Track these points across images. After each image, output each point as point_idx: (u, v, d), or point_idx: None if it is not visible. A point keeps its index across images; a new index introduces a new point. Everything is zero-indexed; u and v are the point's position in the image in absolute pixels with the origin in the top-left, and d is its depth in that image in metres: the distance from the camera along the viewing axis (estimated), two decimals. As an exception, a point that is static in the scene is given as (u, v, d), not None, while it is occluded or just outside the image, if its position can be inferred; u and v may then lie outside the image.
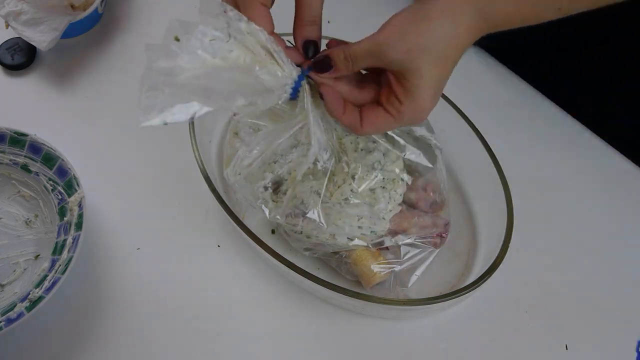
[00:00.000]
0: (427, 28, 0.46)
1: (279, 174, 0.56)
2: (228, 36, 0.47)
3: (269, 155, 0.56)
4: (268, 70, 0.48)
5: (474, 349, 0.61)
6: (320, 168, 0.55)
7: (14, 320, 0.53)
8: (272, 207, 0.57)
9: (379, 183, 0.58)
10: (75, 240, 0.57)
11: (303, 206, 0.56)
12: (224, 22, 0.46)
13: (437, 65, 0.47)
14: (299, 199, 0.56)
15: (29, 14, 0.71)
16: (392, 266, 0.58)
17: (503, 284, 0.61)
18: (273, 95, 0.49)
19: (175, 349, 0.58)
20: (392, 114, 0.49)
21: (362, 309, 0.60)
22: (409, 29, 0.46)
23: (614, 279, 0.66)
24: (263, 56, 0.48)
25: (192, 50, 0.46)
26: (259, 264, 0.62)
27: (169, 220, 0.65)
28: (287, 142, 0.55)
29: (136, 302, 0.60)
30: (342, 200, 0.56)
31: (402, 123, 0.50)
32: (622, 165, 0.73)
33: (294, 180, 0.56)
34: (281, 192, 0.57)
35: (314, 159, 0.54)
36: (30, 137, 0.62)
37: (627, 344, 0.62)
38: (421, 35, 0.46)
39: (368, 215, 0.57)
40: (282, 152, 0.56)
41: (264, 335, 0.59)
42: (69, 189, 0.60)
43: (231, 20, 0.47)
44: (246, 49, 0.48)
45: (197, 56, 0.46)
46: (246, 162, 0.55)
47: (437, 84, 0.48)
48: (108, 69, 0.75)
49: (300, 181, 0.56)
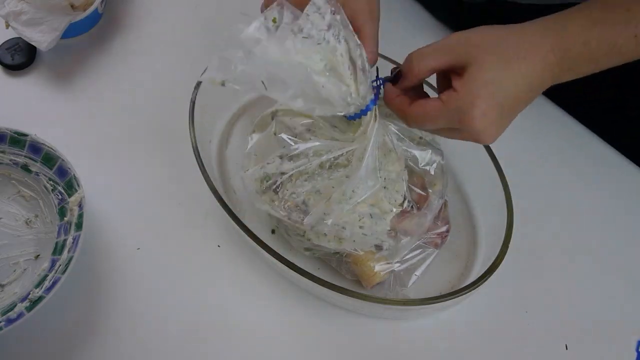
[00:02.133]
0: (499, 33, 0.48)
1: (316, 187, 0.56)
2: (322, 39, 0.46)
3: (313, 167, 0.55)
4: (336, 82, 0.48)
5: (474, 349, 0.61)
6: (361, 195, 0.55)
7: (14, 320, 0.53)
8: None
9: (380, 183, 0.58)
10: (75, 240, 0.57)
11: (304, 206, 0.56)
12: (325, 23, 0.46)
13: (501, 65, 0.47)
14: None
15: (29, 14, 0.71)
16: (392, 266, 0.58)
17: (503, 284, 0.61)
18: (333, 107, 0.49)
19: (175, 349, 0.58)
20: (442, 98, 0.48)
21: (362, 309, 0.60)
22: (482, 31, 0.49)
23: (614, 279, 0.66)
24: (346, 69, 0.48)
25: (282, 38, 0.46)
26: (259, 264, 0.62)
27: (169, 220, 0.65)
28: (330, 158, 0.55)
29: (136, 302, 0.60)
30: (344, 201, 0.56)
31: (449, 113, 0.47)
32: (622, 165, 0.73)
33: (328, 196, 0.55)
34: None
35: (357, 184, 0.53)
36: (30, 137, 0.62)
37: (627, 344, 0.62)
38: (494, 36, 0.48)
39: (369, 215, 0.57)
40: (322, 167, 0.56)
41: (264, 335, 0.59)
42: (69, 189, 0.60)
43: (335, 22, 0.46)
44: (332, 56, 0.47)
45: (283, 46, 0.46)
46: (283, 167, 0.55)
47: (494, 87, 0.47)
48: (108, 69, 0.75)
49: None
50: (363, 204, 0.56)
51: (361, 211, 0.56)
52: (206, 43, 0.74)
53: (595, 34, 0.48)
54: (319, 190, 0.56)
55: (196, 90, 0.64)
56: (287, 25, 0.47)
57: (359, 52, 0.48)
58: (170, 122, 0.69)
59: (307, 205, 0.56)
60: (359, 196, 0.54)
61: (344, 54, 0.48)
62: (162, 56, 0.71)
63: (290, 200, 0.56)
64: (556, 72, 0.48)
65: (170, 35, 0.79)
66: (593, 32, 0.48)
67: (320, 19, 0.46)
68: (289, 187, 0.56)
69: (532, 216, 0.66)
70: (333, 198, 0.54)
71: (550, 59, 0.48)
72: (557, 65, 0.48)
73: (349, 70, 0.48)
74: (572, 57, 0.48)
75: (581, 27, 0.48)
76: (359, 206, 0.56)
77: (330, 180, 0.55)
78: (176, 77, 0.73)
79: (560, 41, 0.48)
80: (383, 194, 0.57)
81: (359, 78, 0.49)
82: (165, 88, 0.72)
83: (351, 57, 0.48)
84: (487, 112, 0.47)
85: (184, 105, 0.64)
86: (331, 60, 0.48)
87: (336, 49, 0.47)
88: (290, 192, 0.55)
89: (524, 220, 0.61)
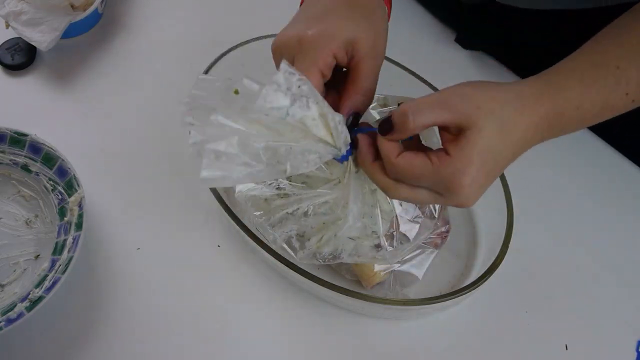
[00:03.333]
0: (498, 95, 0.45)
1: (303, 229, 0.55)
2: (286, 114, 0.44)
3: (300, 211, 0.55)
4: (313, 143, 0.46)
5: (474, 349, 0.61)
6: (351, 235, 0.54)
7: (14, 320, 0.53)
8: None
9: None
10: (75, 240, 0.57)
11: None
12: (287, 99, 0.44)
13: (499, 134, 0.44)
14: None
15: (29, 14, 0.71)
16: (392, 266, 0.58)
17: (503, 284, 0.61)
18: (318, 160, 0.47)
19: (174, 349, 0.58)
20: (433, 160, 0.44)
21: (362, 309, 0.60)
22: (481, 90, 0.45)
23: (614, 279, 0.66)
24: (320, 130, 0.46)
25: (248, 112, 0.44)
26: (259, 264, 0.62)
27: (169, 220, 0.65)
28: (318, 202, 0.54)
29: (136, 302, 0.60)
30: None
31: (437, 177, 0.44)
32: (622, 165, 0.73)
33: (318, 234, 0.55)
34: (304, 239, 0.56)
35: (347, 231, 0.53)
36: (30, 137, 0.62)
37: (627, 344, 0.62)
38: (493, 99, 0.45)
39: (369, 215, 0.57)
40: (315, 211, 0.55)
41: (264, 335, 0.59)
42: (69, 189, 0.60)
43: (302, 94, 0.44)
44: (302, 125, 0.45)
45: (252, 121, 0.45)
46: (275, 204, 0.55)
47: (488, 155, 0.44)
48: (108, 69, 0.75)
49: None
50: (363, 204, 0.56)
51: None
52: (206, 43, 0.74)
53: (588, 97, 0.47)
54: (310, 226, 0.56)
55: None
56: (250, 97, 0.45)
57: (330, 116, 0.45)
58: (170, 122, 0.69)
59: (302, 236, 0.56)
60: (350, 233, 0.54)
61: (317, 117, 0.45)
62: (162, 56, 0.71)
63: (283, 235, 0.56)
64: (545, 135, 0.48)
65: (170, 35, 0.79)
66: (586, 96, 0.47)
67: (282, 96, 0.43)
68: (277, 228, 0.56)
69: (532, 216, 0.66)
70: (324, 238, 0.54)
71: (543, 126, 0.47)
72: (547, 130, 0.47)
73: (325, 130, 0.46)
74: (564, 121, 0.47)
75: (575, 92, 0.47)
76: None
77: (318, 218, 0.55)
78: (176, 77, 0.73)
79: (554, 107, 0.47)
80: (383, 194, 0.57)
81: (334, 134, 0.47)
82: (165, 88, 0.72)
83: (321, 114, 0.46)
84: (476, 179, 0.44)
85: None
86: (302, 129, 0.46)
87: (306, 116, 0.45)
88: (281, 232, 0.56)
89: (524, 220, 0.61)
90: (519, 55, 0.79)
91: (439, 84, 0.68)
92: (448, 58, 0.81)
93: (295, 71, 0.43)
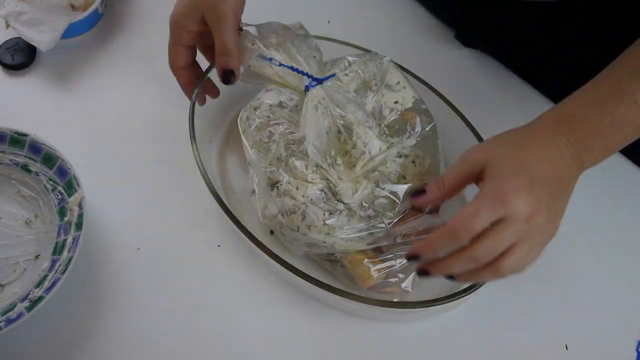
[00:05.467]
0: (504, 133, 0.53)
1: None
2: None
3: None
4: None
5: (474, 350, 0.61)
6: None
7: (14, 320, 0.53)
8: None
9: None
10: (75, 240, 0.57)
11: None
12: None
13: (512, 152, 0.50)
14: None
15: (29, 14, 0.71)
16: (389, 268, 0.58)
17: (503, 285, 0.61)
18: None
19: (174, 349, 0.58)
20: (475, 200, 0.48)
21: (359, 311, 0.60)
22: (490, 139, 0.53)
23: (614, 279, 0.66)
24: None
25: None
26: (259, 264, 0.62)
27: (169, 220, 0.65)
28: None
29: (136, 302, 0.60)
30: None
31: (485, 200, 0.48)
32: (622, 166, 0.73)
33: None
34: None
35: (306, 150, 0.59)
36: (30, 137, 0.62)
37: (627, 344, 0.62)
38: (499, 136, 0.53)
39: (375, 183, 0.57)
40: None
41: (263, 336, 0.59)
42: (69, 189, 0.60)
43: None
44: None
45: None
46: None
47: (516, 167, 0.49)
48: (108, 69, 0.75)
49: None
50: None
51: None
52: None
53: (595, 110, 0.52)
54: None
55: (196, 90, 0.64)
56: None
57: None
58: (170, 122, 0.69)
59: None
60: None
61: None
62: (162, 56, 0.70)
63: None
64: (571, 138, 0.51)
65: (170, 35, 0.78)
66: (592, 109, 0.52)
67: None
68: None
69: (532, 216, 0.66)
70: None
71: (559, 130, 0.51)
72: (569, 132, 0.51)
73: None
74: (578, 120, 0.52)
75: (578, 104, 0.53)
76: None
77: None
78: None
79: (562, 111, 0.53)
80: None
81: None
82: (165, 88, 0.72)
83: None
84: (520, 186, 0.48)
85: (184, 105, 0.64)
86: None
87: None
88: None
89: (524, 221, 0.61)
90: (518, 51, 0.79)
91: (438, 84, 0.68)
92: (448, 57, 0.81)
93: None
